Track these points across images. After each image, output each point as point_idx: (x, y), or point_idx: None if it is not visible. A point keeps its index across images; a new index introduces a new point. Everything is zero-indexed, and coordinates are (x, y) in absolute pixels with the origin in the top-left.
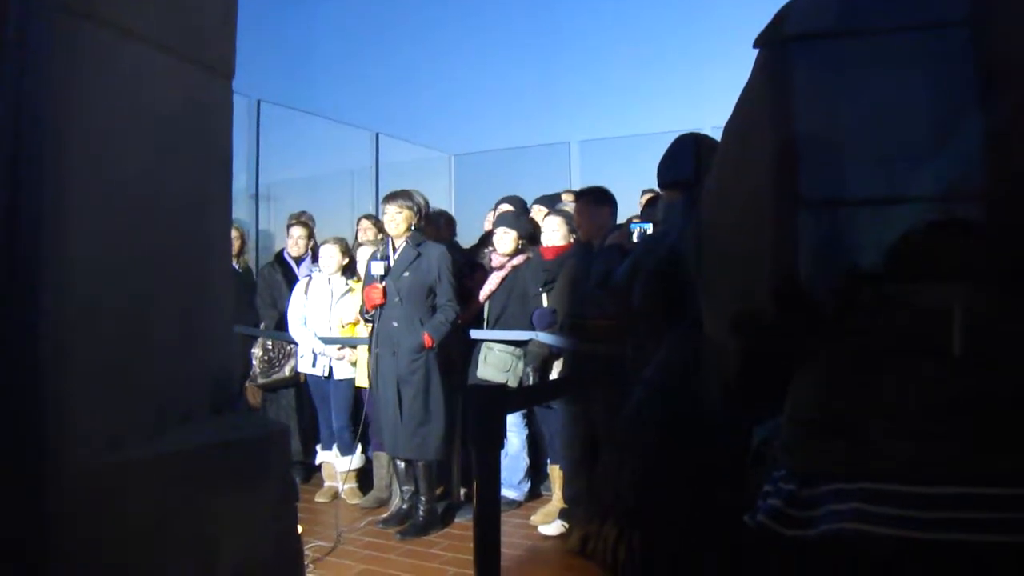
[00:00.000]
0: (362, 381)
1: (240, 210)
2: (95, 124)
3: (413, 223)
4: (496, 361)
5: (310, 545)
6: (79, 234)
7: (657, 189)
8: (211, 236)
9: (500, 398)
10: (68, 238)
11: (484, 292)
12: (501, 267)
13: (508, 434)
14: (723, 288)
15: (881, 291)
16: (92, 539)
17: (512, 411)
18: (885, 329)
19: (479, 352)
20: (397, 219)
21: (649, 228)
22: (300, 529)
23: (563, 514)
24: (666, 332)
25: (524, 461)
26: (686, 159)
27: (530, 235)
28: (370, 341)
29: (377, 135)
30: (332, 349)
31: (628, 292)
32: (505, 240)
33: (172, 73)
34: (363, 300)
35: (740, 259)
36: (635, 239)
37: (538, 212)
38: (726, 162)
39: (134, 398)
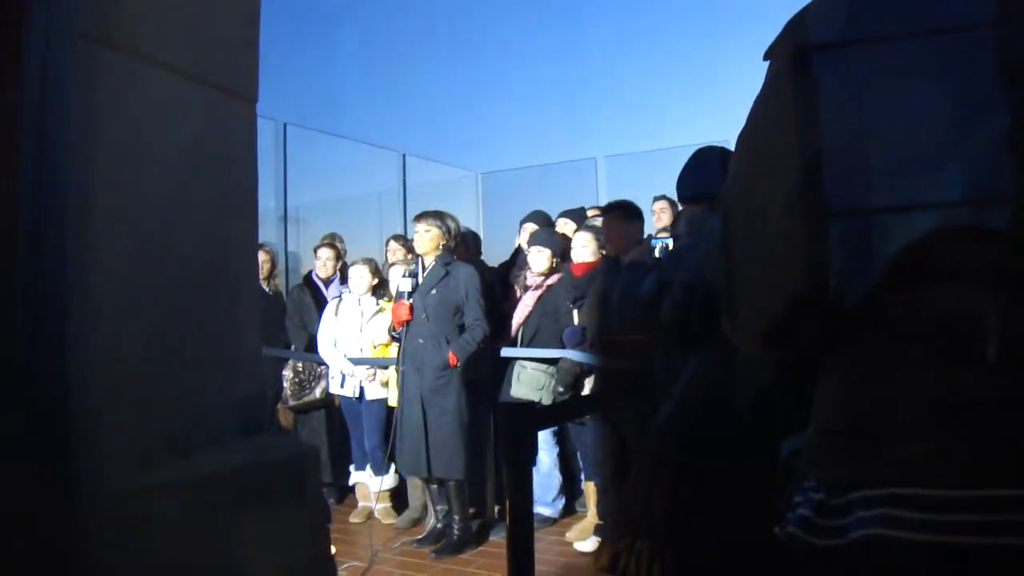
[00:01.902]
0: (395, 401)
1: (268, 233)
2: (118, 151)
3: (442, 242)
4: (529, 379)
5: (345, 566)
6: (105, 258)
7: (670, 198)
8: (238, 259)
9: (530, 415)
10: (94, 263)
11: (519, 314)
12: (537, 287)
13: (539, 452)
14: (747, 299)
15: (902, 298)
16: (123, 560)
17: (543, 428)
18: (906, 335)
19: (512, 371)
20: (425, 238)
21: (670, 243)
22: (334, 550)
23: (598, 530)
24: (694, 346)
25: (556, 478)
26: (708, 172)
27: (563, 252)
28: (397, 359)
29: (404, 156)
30: (361, 370)
31: (654, 307)
32: (539, 259)
33: (194, 98)
34: (391, 317)
35: (761, 270)
36: (656, 254)
37: (563, 225)
38: (742, 174)
39: (164, 419)
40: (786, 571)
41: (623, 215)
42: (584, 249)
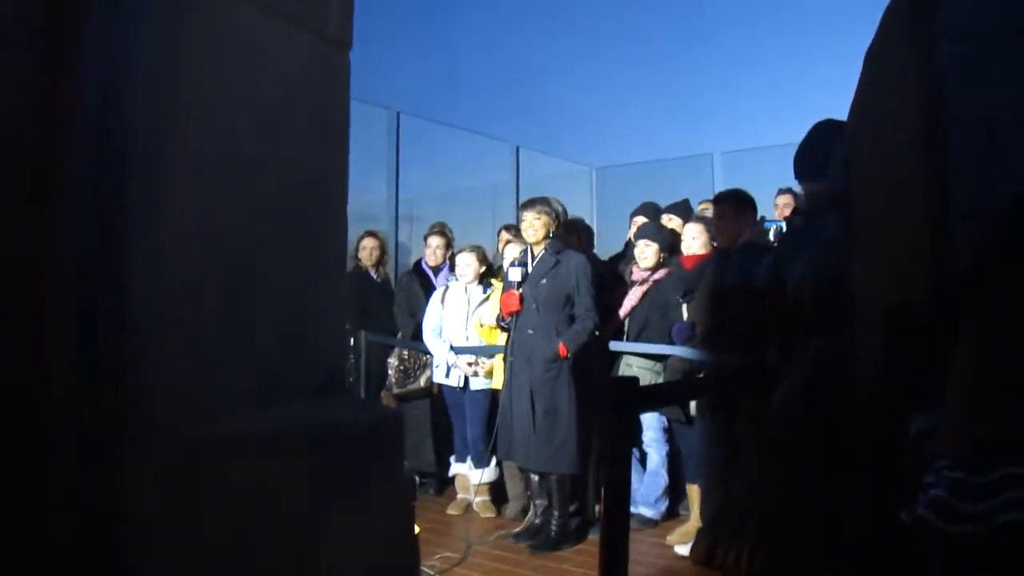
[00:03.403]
0: (500, 386)
1: (380, 222)
2: (202, 88)
3: (551, 229)
4: (635, 376)
5: (438, 556)
6: (178, 198)
7: (795, 192)
8: (326, 213)
9: (633, 392)
10: (165, 202)
11: (625, 307)
12: (644, 281)
13: (648, 450)
14: (880, 271)
15: None
16: (188, 514)
17: (644, 408)
18: None
19: (618, 367)
20: (535, 225)
21: (784, 226)
22: (418, 530)
23: (701, 534)
24: (818, 324)
25: (663, 479)
26: (827, 147)
27: (671, 246)
28: (506, 349)
29: (518, 148)
30: (463, 362)
31: (772, 289)
32: (647, 253)
33: (285, 40)
34: (500, 307)
35: (894, 243)
36: (771, 237)
37: (668, 221)
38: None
39: (239, 371)
40: (914, 562)
41: (735, 205)
42: (695, 241)
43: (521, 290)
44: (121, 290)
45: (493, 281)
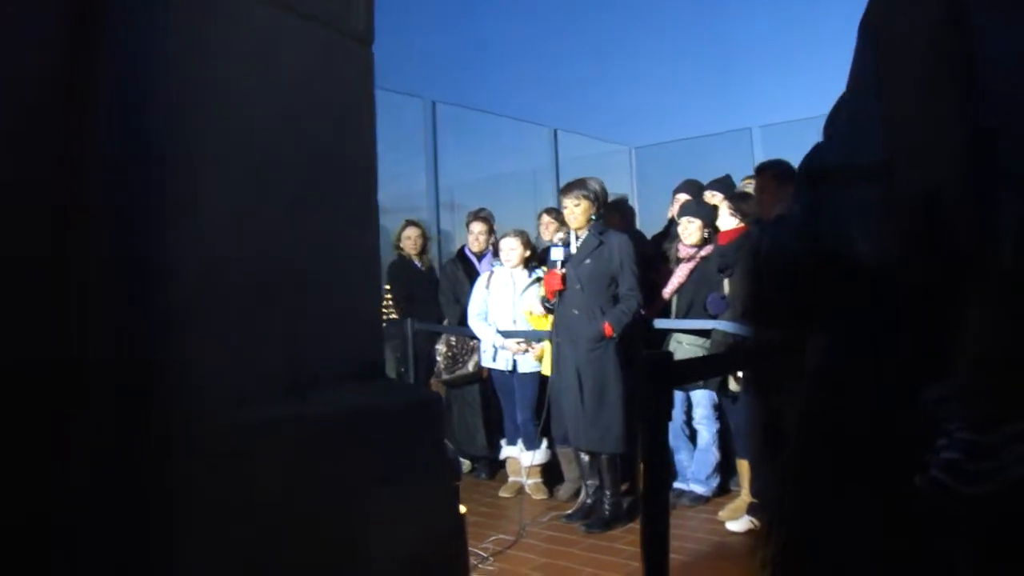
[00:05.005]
0: (548, 372)
1: (421, 211)
2: (225, 83)
3: (592, 212)
4: (685, 355)
5: (492, 538)
6: (208, 195)
7: None
8: (356, 205)
9: (668, 367)
10: (196, 198)
11: (672, 285)
12: (689, 259)
13: (698, 427)
14: (891, 240)
15: None
16: (220, 502)
17: (681, 383)
18: None
19: (667, 345)
20: (576, 212)
21: None
22: (463, 510)
23: (751, 510)
24: (825, 302)
25: (714, 455)
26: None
27: (714, 222)
28: (552, 331)
29: (556, 131)
30: (511, 343)
31: (805, 263)
32: (690, 230)
33: (306, 37)
34: (544, 288)
35: (907, 212)
36: None
37: (710, 198)
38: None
39: (272, 356)
40: (929, 525)
41: (777, 175)
42: (728, 217)
43: (564, 270)
44: (152, 280)
45: (537, 272)
